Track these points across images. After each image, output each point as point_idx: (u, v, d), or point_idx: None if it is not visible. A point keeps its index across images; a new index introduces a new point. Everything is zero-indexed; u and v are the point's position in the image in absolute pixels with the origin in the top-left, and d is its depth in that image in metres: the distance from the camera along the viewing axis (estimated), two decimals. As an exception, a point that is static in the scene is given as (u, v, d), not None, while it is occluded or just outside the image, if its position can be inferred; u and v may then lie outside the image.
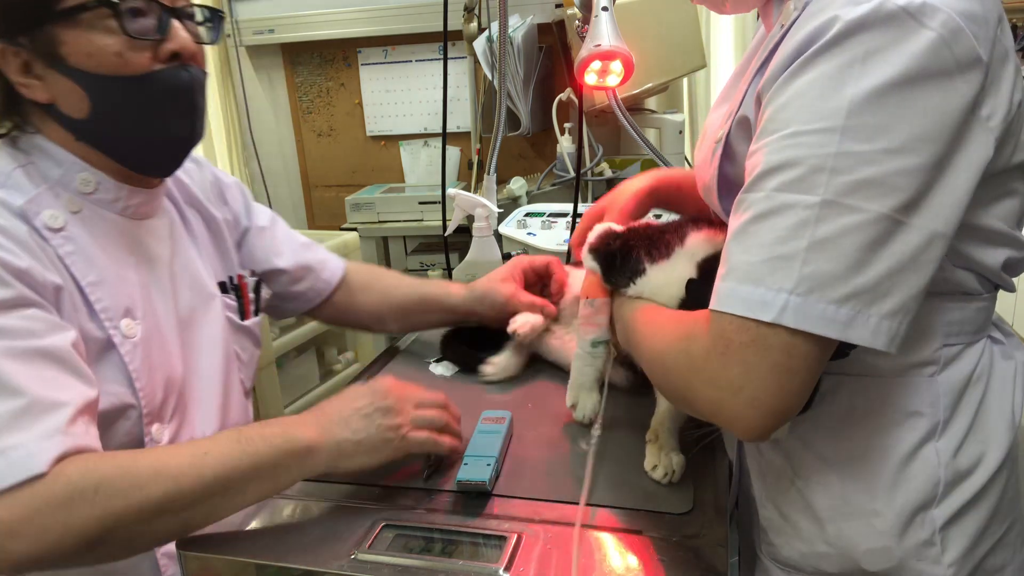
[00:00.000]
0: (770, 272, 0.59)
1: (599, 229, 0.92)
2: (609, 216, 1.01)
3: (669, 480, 0.80)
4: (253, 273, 1.11)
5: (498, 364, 1.10)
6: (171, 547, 0.91)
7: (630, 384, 1.00)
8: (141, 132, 0.87)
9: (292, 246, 1.17)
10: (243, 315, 1.07)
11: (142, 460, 0.72)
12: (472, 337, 1.18)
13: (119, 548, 0.71)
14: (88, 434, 0.74)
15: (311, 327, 1.91)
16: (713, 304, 0.62)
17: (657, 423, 0.86)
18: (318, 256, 1.20)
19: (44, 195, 0.84)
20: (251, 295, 1.09)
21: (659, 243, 0.85)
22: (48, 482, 0.67)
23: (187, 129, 0.90)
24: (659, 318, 0.76)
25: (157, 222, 0.96)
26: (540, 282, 1.19)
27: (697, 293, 0.77)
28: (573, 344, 0.99)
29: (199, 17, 0.91)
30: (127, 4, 0.81)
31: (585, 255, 0.91)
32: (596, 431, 0.86)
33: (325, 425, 0.79)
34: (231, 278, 1.07)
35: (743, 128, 0.71)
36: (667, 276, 0.81)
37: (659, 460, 0.82)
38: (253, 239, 1.13)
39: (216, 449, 0.73)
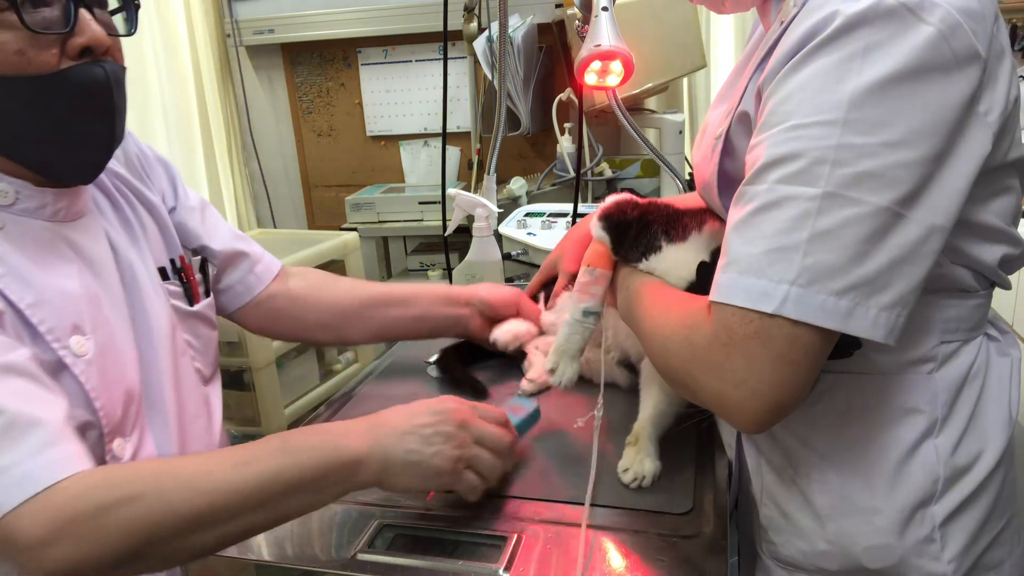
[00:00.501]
0: (771, 264, 0.59)
1: (614, 198, 0.91)
2: (565, 264, 1.03)
3: (638, 485, 0.79)
4: (195, 252, 1.01)
5: (535, 380, 1.06)
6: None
7: (629, 384, 1.00)
8: (54, 137, 0.77)
9: (223, 232, 1.05)
10: (192, 300, 0.97)
11: (179, 470, 0.69)
12: (466, 356, 1.15)
13: (157, 561, 0.67)
14: (79, 444, 0.70)
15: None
16: (714, 295, 0.63)
17: (639, 427, 0.85)
18: (253, 248, 1.09)
19: None
20: (197, 276, 0.99)
21: (677, 224, 0.84)
22: (74, 493, 0.65)
23: (106, 131, 0.81)
24: (664, 298, 0.76)
25: (90, 219, 0.87)
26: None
27: (707, 277, 0.77)
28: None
29: (113, 4, 0.81)
30: None
31: (594, 223, 0.89)
32: (599, 412, 0.85)
33: (378, 437, 0.74)
34: (173, 261, 0.96)
35: (743, 124, 0.72)
36: (682, 257, 0.81)
37: (631, 464, 0.81)
38: (181, 217, 1.01)
39: (259, 458, 0.70)
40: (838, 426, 0.73)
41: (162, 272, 0.94)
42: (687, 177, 1.99)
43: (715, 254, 0.81)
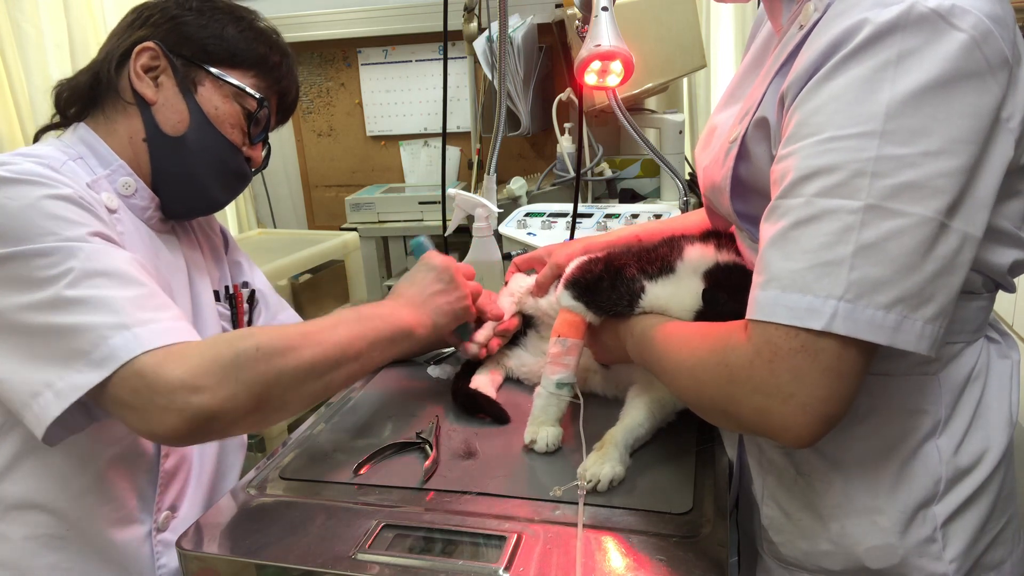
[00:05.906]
0: (816, 279, 0.58)
1: (574, 264, 0.90)
2: (555, 256, 1.03)
3: (593, 488, 0.78)
4: (245, 284, 1.14)
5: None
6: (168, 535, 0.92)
7: (605, 393, 0.99)
8: (198, 176, 0.97)
9: (261, 277, 1.20)
10: (236, 324, 1.09)
11: (291, 329, 0.83)
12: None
13: (276, 410, 0.79)
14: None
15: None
16: (755, 314, 0.61)
17: (609, 433, 0.84)
18: (282, 303, 1.21)
19: (102, 180, 0.92)
20: (245, 306, 1.12)
21: (653, 258, 0.83)
22: (211, 344, 0.76)
23: (223, 202, 1.03)
24: (683, 332, 0.75)
25: (173, 236, 1.02)
26: None
27: (715, 302, 0.76)
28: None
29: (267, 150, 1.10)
30: (264, 116, 1.01)
31: (562, 293, 0.89)
32: (582, 482, 0.82)
33: (421, 309, 0.98)
34: (227, 287, 1.10)
35: (761, 129, 0.71)
36: (676, 290, 0.80)
37: (590, 466, 0.79)
38: (236, 256, 1.17)
39: (344, 323, 0.86)
40: (842, 426, 0.72)
41: (215, 295, 1.07)
42: (687, 177, 1.99)
43: (707, 276, 0.80)
